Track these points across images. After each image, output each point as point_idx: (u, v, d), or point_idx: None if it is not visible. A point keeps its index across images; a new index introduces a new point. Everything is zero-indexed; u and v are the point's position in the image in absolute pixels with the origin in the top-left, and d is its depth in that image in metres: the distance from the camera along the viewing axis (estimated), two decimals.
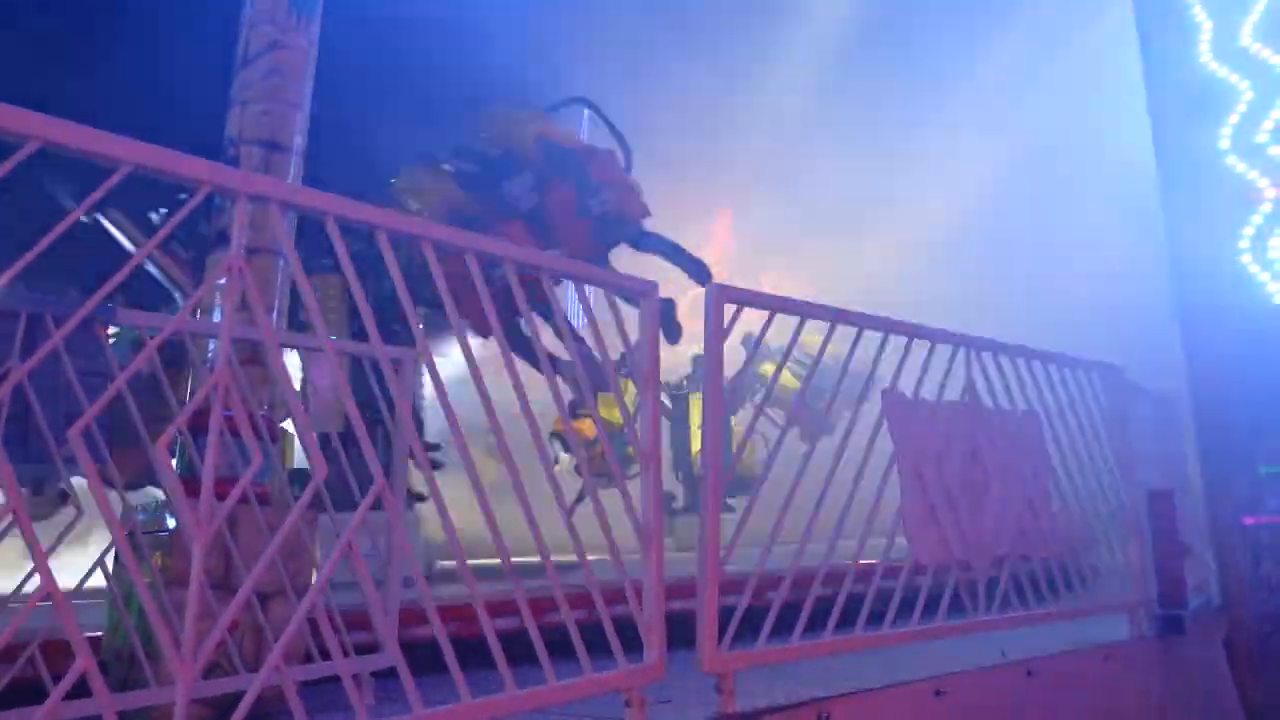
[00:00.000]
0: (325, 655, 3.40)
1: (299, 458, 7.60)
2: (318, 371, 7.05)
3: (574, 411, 8.50)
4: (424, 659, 2.66)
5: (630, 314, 2.89)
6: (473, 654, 2.50)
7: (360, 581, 2.19)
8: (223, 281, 2.55)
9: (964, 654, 3.91)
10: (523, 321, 2.64)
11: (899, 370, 3.70)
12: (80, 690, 1.74)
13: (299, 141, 4.32)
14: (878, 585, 3.44)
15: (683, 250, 10.01)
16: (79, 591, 3.07)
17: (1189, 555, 5.39)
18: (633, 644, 2.75)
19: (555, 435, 9.07)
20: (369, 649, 3.65)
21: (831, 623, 3.29)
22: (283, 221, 2.35)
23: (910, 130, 18.38)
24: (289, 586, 3.38)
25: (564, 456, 10.00)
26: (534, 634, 2.39)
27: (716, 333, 2.97)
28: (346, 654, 3.42)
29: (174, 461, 3.87)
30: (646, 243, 10.05)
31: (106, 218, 9.10)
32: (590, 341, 2.85)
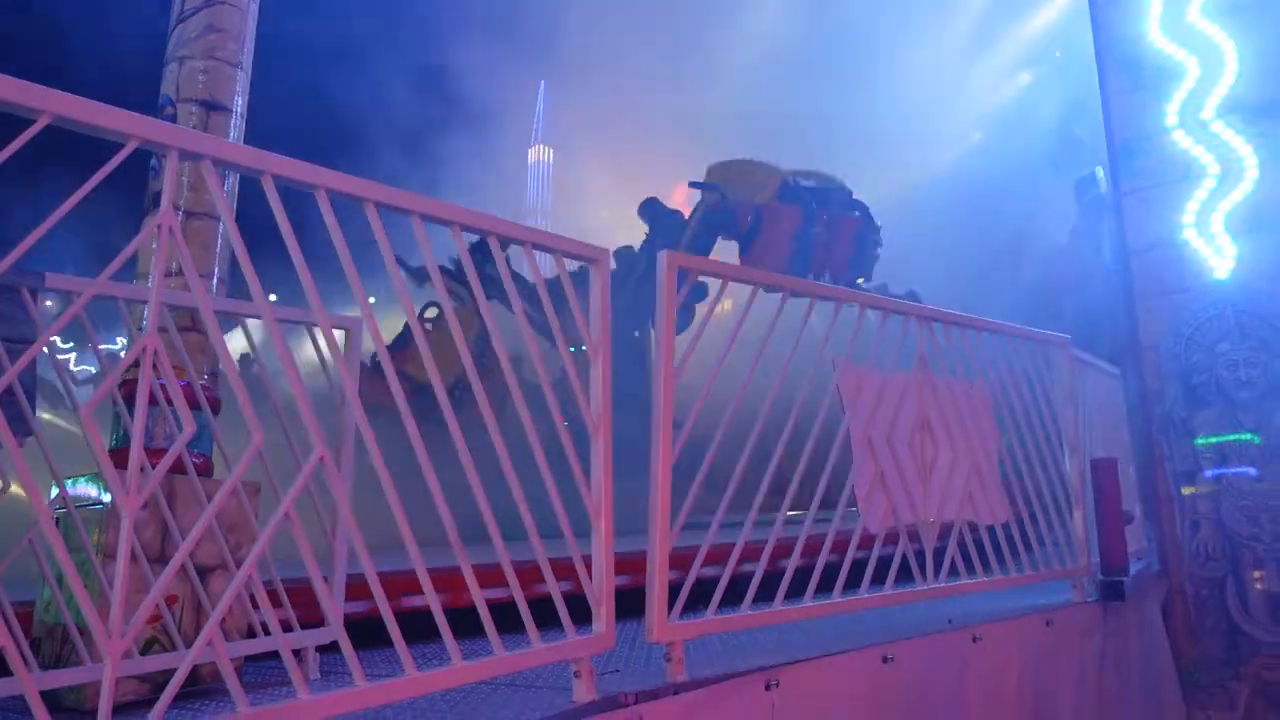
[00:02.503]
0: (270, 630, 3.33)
1: None
2: None
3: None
4: (374, 633, 2.61)
5: None
6: (423, 628, 2.46)
7: (301, 553, 2.13)
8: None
9: (911, 621, 3.96)
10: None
11: (852, 339, 3.70)
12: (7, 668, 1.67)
13: (240, 101, 4.16)
14: (827, 554, 3.46)
15: None
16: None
17: (1130, 523, 5.51)
18: (585, 618, 2.72)
19: None
20: (320, 624, 3.58)
21: (780, 592, 3.30)
22: (219, 182, 2.25)
23: (869, 104, 18.44)
24: (230, 560, 3.30)
25: None
26: (480, 605, 2.34)
27: (669, 301, 2.94)
28: (290, 628, 3.35)
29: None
30: None
31: None
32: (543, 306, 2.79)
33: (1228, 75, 7.60)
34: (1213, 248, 7.55)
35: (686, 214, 13.83)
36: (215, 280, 3.85)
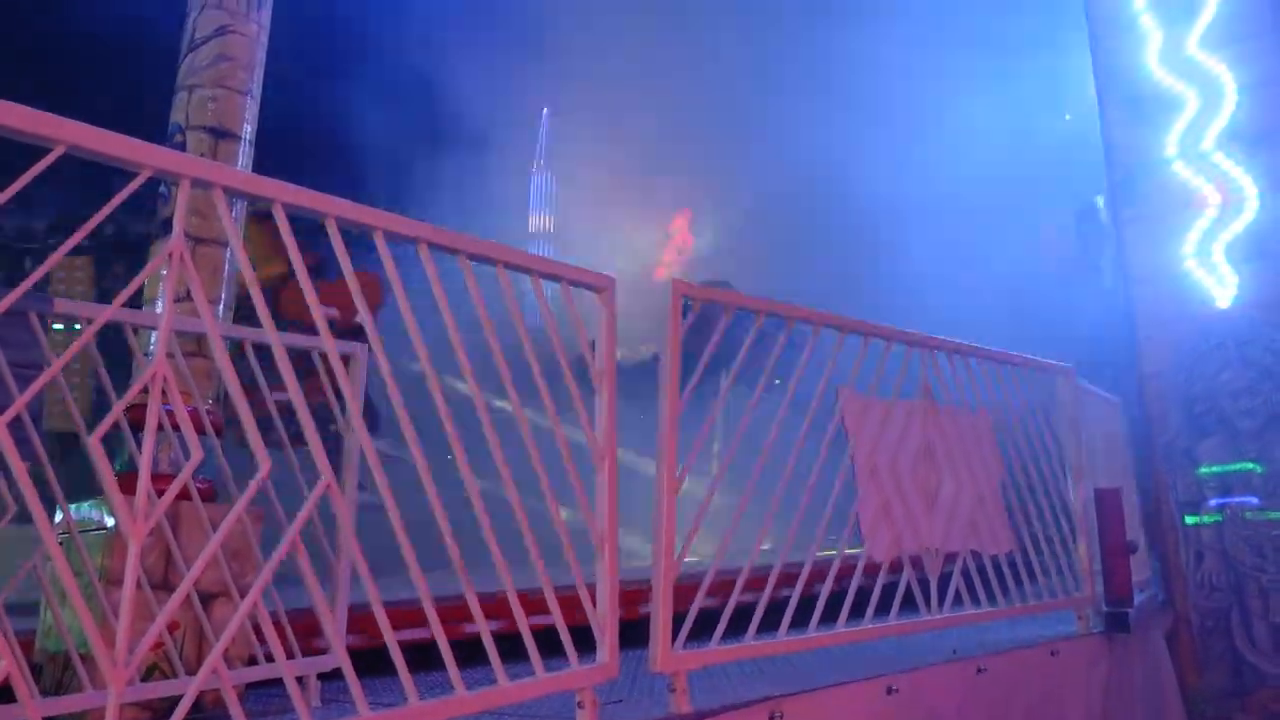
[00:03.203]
0: (273, 658, 3.32)
1: None
2: None
3: None
4: (377, 663, 2.60)
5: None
6: (427, 658, 2.45)
7: (305, 580, 2.13)
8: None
9: (916, 651, 3.94)
10: None
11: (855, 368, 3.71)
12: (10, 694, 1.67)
13: (249, 129, 4.21)
14: (832, 584, 3.45)
15: None
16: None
17: (1135, 553, 5.49)
18: (589, 647, 2.71)
19: None
20: (320, 651, 3.57)
21: (785, 622, 3.28)
22: (229, 210, 2.27)
23: (864, 128, 18.54)
24: (233, 587, 3.29)
25: None
26: (485, 635, 2.34)
27: (674, 328, 2.95)
28: (292, 656, 3.34)
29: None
30: None
31: None
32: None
33: (1227, 106, 7.65)
34: (1214, 277, 7.57)
35: None
36: (222, 306, 3.87)
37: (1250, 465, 7.33)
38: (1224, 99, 7.67)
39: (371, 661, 2.73)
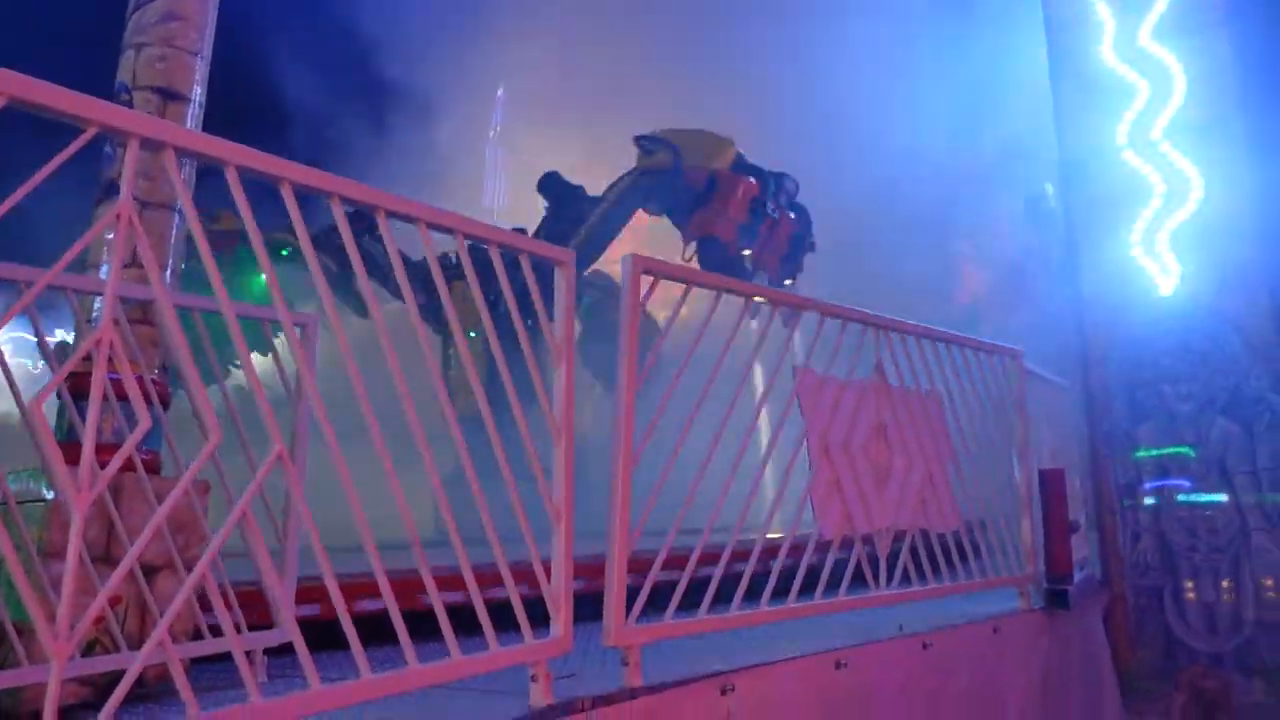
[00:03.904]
0: (218, 632, 3.26)
1: None
2: None
3: None
4: (326, 636, 2.57)
5: None
6: (377, 631, 2.43)
7: (254, 553, 2.09)
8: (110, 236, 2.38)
9: (865, 627, 4.01)
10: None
11: (811, 348, 3.73)
12: None
13: (199, 90, 4.08)
14: (783, 561, 3.48)
15: None
16: None
17: (1076, 532, 5.63)
18: (543, 622, 2.71)
19: None
20: (266, 626, 3.51)
21: (737, 597, 3.32)
22: (179, 172, 2.20)
23: (817, 109, 18.59)
24: (178, 560, 3.22)
25: None
26: (438, 608, 2.32)
27: (633, 305, 2.94)
28: (239, 630, 3.28)
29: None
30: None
31: None
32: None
33: (1176, 97, 7.82)
34: (1159, 265, 7.76)
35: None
36: (169, 273, 3.76)
37: (1184, 449, 7.56)
38: (1173, 89, 7.83)
39: (318, 635, 2.69)
